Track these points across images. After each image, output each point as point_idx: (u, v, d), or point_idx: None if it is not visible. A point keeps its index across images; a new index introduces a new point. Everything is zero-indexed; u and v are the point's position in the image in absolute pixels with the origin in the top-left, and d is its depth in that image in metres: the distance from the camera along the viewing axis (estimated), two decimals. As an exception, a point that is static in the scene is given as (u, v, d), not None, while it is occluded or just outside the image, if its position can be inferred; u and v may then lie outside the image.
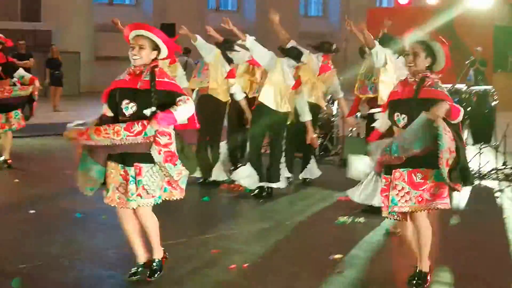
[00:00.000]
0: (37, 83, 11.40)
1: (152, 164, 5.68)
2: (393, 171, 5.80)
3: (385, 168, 5.92)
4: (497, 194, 10.13)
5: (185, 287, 5.97)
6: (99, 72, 29.25)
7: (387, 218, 6.05)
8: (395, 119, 5.89)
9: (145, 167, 5.69)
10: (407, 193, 5.75)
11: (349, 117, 10.03)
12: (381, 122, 6.35)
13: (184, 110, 5.67)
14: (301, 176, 10.69)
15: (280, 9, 10.65)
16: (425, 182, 5.73)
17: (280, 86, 9.43)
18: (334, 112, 12.93)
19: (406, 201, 5.76)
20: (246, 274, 6.30)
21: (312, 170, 10.77)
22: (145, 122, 5.57)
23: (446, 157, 5.52)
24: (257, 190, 9.58)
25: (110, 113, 5.88)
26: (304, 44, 10.10)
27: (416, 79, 5.83)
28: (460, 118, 5.73)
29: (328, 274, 6.35)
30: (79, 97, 26.81)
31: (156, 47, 5.82)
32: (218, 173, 10.36)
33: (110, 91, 5.86)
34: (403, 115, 5.82)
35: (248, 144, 10.00)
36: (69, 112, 21.12)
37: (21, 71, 11.46)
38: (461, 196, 9.65)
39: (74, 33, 28.56)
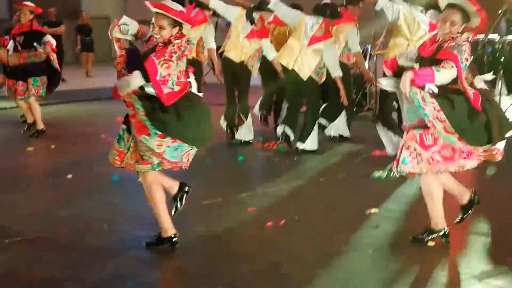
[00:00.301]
0: (48, 48, 11.47)
1: None
2: (406, 131, 5.79)
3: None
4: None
5: (223, 244, 6.03)
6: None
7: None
8: None
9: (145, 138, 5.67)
10: (419, 154, 5.69)
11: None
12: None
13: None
14: (332, 133, 10.70)
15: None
16: (435, 143, 5.67)
17: (298, 45, 9.50)
18: (366, 67, 12.85)
19: (418, 162, 5.69)
20: (283, 231, 6.34)
21: (342, 127, 10.76)
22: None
23: (440, 126, 5.50)
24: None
25: None
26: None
27: (440, 40, 5.75)
28: (442, 80, 5.59)
29: (364, 228, 6.38)
30: (111, 62, 26.84)
31: (175, 23, 5.77)
32: (246, 133, 10.43)
33: None
34: None
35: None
36: (101, 77, 21.24)
37: (47, 38, 11.54)
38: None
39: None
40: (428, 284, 5.09)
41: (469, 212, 6.02)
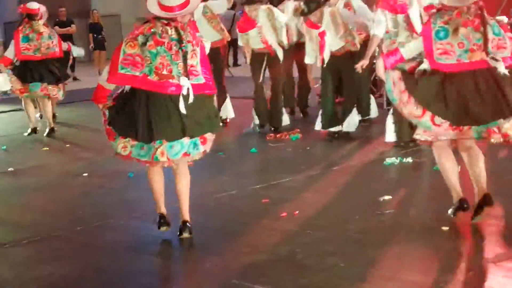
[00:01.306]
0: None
1: None
2: None
3: None
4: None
5: (237, 237, 6.08)
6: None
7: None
8: None
9: None
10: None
11: None
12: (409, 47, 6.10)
13: None
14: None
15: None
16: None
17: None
18: (376, 54, 12.82)
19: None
20: (297, 221, 6.38)
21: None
22: None
23: (405, 111, 5.71)
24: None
25: None
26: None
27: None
28: (410, 54, 5.70)
29: (378, 215, 6.42)
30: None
31: None
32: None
33: None
34: None
35: None
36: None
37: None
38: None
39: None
40: (442, 269, 5.10)
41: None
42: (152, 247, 5.98)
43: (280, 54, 10.60)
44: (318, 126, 9.99)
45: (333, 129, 9.91)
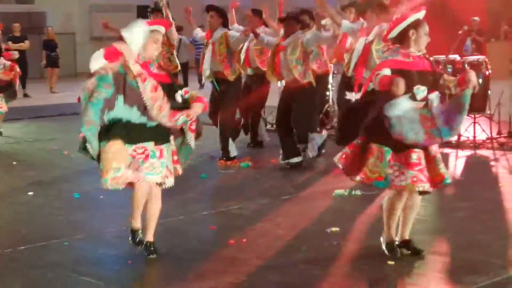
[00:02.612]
0: (17, 68, 11.80)
1: (168, 143, 5.94)
2: (429, 148, 5.85)
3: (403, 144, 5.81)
4: (492, 163, 10.18)
5: (184, 263, 6.02)
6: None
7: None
8: (415, 90, 5.75)
9: (165, 148, 5.92)
10: (403, 173, 5.83)
11: None
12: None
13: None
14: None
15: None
16: (419, 163, 5.81)
17: None
18: (329, 86, 12.93)
19: (401, 180, 5.82)
20: (244, 249, 6.35)
21: None
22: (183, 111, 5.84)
23: None
24: None
25: None
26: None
27: (424, 54, 5.91)
28: None
29: (325, 246, 6.41)
30: (75, 78, 26.76)
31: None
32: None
33: None
34: (424, 88, 5.77)
35: None
36: (65, 93, 21.13)
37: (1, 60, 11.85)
38: (457, 166, 9.76)
39: (69, 14, 28.49)
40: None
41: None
42: (96, 269, 5.88)
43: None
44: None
45: (292, 160, 9.91)
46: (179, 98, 5.83)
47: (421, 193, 5.96)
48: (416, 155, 5.80)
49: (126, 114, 5.73)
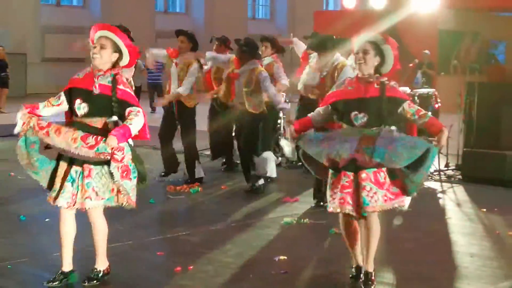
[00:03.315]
0: None
1: (101, 166, 5.71)
2: (359, 172, 5.78)
3: (348, 166, 5.83)
4: (439, 195, 10.28)
5: (129, 289, 5.97)
6: (46, 74, 28.90)
7: (340, 213, 5.98)
8: (353, 118, 5.87)
9: (95, 169, 5.72)
10: (375, 193, 5.78)
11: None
12: (317, 116, 6.22)
13: (138, 123, 5.70)
14: None
15: (228, 11, 10.84)
16: (385, 182, 5.82)
17: None
18: (280, 115, 12.98)
19: (375, 201, 5.78)
20: (191, 277, 6.31)
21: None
22: (98, 138, 5.60)
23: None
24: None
25: (65, 106, 5.94)
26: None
27: (371, 79, 5.92)
28: None
29: (273, 275, 6.40)
30: (25, 99, 26.48)
31: (117, 50, 5.87)
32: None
33: (68, 88, 5.92)
34: (363, 114, 5.84)
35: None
36: (14, 113, 20.79)
37: None
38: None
39: (20, 34, 28.22)
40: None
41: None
42: (39, 294, 5.80)
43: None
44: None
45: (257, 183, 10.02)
46: (110, 124, 5.74)
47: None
48: (347, 178, 5.85)
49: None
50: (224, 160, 12.02)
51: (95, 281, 5.98)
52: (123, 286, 6.00)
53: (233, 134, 11.16)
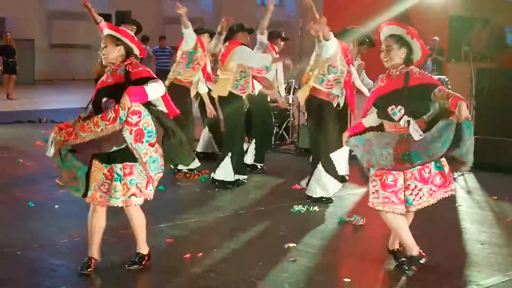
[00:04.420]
0: None
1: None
2: (404, 172, 5.87)
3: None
4: (450, 183, 10.21)
5: (138, 276, 5.95)
6: (54, 59, 28.95)
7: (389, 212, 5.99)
8: (390, 112, 5.85)
9: (136, 165, 5.78)
10: (420, 190, 5.88)
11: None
12: (369, 119, 6.26)
13: (155, 87, 5.70)
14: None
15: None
16: (430, 176, 5.89)
17: None
18: (290, 101, 12.96)
19: (420, 197, 5.90)
20: (200, 263, 6.29)
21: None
22: (116, 106, 5.59)
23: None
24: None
25: None
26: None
27: (401, 71, 5.90)
28: None
29: (282, 262, 6.37)
30: (33, 85, 26.52)
31: (118, 44, 5.90)
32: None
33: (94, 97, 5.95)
34: (399, 107, 5.81)
35: None
36: (23, 100, 20.90)
37: None
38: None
39: (28, 20, 28.22)
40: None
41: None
42: (48, 280, 5.77)
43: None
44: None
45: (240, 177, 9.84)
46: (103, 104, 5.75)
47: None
48: (392, 177, 5.89)
49: None
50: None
51: (137, 265, 6.05)
52: (132, 272, 5.98)
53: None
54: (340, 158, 9.07)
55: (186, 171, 10.21)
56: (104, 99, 5.74)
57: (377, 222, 6.79)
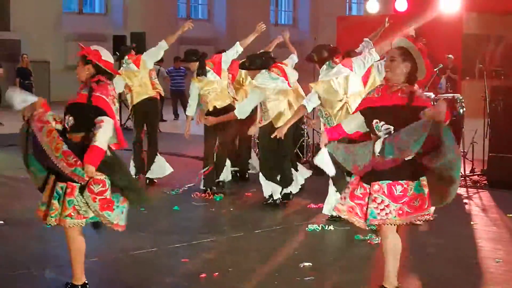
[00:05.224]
0: None
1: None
2: (372, 183, 5.60)
3: (365, 176, 5.67)
4: (465, 201, 10.19)
5: (154, 296, 5.97)
6: (69, 81, 28.97)
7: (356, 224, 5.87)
8: (374, 125, 5.66)
9: (78, 187, 5.64)
10: (387, 206, 5.55)
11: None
12: (351, 123, 6.01)
13: (104, 135, 5.60)
14: None
15: (250, 17, 10.79)
16: (405, 195, 5.56)
17: None
18: (304, 120, 12.95)
19: (386, 214, 5.54)
20: (216, 283, 6.29)
21: None
22: (78, 162, 5.51)
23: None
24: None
25: None
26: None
27: (402, 88, 5.66)
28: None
29: (298, 282, 6.37)
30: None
31: (87, 63, 6.14)
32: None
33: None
34: (382, 122, 5.61)
35: None
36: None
37: None
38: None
39: (43, 42, 28.41)
40: None
41: None
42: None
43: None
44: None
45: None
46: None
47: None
48: (363, 190, 5.70)
49: None
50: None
51: None
52: (148, 293, 6.00)
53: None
54: None
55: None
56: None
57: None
